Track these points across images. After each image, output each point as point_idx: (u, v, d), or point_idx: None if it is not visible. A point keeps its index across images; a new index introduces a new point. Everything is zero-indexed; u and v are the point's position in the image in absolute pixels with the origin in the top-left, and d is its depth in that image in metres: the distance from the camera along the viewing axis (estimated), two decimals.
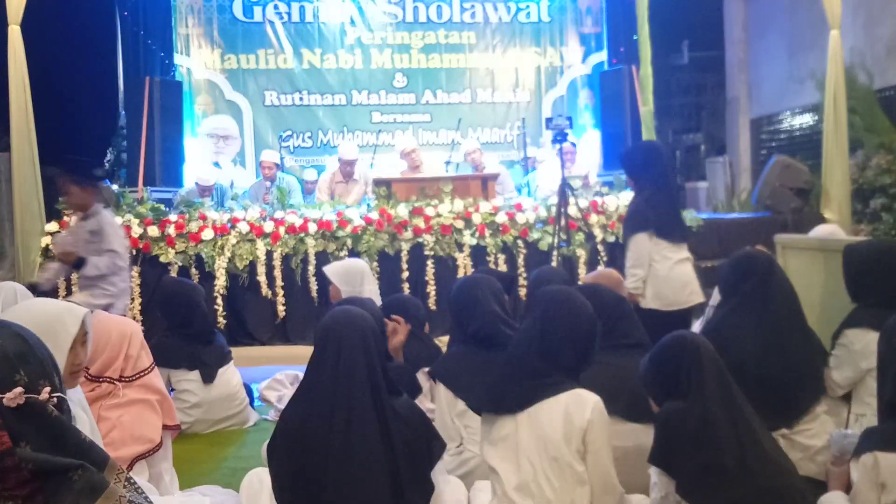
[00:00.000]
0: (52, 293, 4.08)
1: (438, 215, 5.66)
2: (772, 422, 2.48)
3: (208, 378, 3.66)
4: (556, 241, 5.39)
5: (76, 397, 2.14)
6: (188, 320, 3.78)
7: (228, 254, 5.42)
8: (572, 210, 5.51)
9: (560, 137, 5.26)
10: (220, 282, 5.35)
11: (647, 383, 2.11)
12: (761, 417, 2.44)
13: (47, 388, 1.12)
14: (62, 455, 1.07)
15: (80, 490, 1.06)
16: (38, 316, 1.92)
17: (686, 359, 1.99)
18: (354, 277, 3.74)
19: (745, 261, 2.88)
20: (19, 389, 1.07)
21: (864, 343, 2.62)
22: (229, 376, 3.77)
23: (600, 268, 5.13)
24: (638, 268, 3.50)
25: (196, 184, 6.84)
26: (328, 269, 3.84)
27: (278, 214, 5.63)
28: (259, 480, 2.29)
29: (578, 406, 2.04)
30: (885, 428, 1.97)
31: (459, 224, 5.68)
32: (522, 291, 5.67)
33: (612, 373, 2.42)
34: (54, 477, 1.04)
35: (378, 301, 3.57)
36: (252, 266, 5.46)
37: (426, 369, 2.99)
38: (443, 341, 3.56)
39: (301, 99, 8.17)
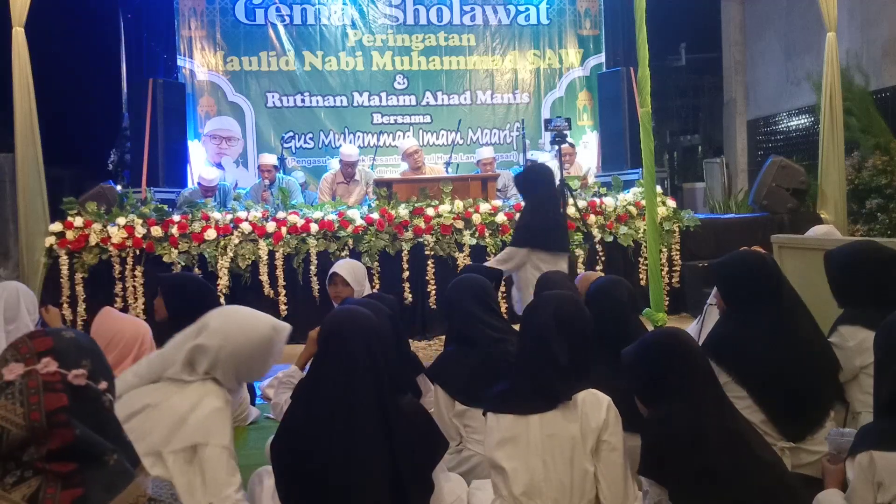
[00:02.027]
0: None
1: (439, 216, 5.71)
2: (789, 434, 2.46)
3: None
4: None
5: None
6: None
7: (231, 253, 5.47)
8: (571, 210, 5.57)
9: (559, 139, 5.32)
10: (223, 281, 5.40)
11: (632, 381, 2.07)
12: (780, 429, 2.42)
13: (104, 384, 1.18)
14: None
15: (114, 473, 1.10)
16: (259, 326, 2.12)
17: (675, 360, 1.95)
18: (362, 276, 3.78)
19: (755, 263, 2.70)
20: (83, 371, 1.14)
21: (858, 340, 2.60)
22: None
23: (593, 270, 5.19)
24: (505, 265, 4.16)
25: (199, 183, 6.88)
26: (340, 269, 3.76)
27: (280, 215, 5.67)
28: (260, 480, 2.31)
29: (594, 406, 2.05)
30: (880, 427, 1.95)
31: (459, 224, 5.73)
32: None
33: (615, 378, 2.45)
34: (92, 459, 1.09)
35: None
36: (254, 266, 5.52)
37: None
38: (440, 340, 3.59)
39: (303, 100, 8.22)
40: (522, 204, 4.54)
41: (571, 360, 2.10)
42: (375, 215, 5.66)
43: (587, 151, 8.53)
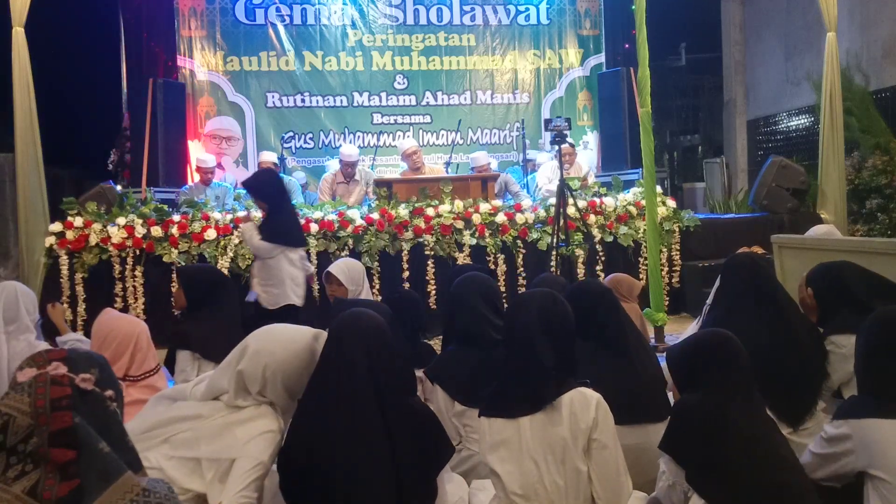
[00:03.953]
0: None
1: (439, 216, 5.71)
2: (787, 417, 2.52)
3: None
4: (554, 241, 5.44)
5: None
6: (229, 305, 3.50)
7: (231, 253, 5.48)
8: (571, 210, 5.57)
9: (559, 139, 5.32)
10: None
11: (673, 368, 2.09)
12: (777, 412, 2.43)
13: (110, 392, 1.28)
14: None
15: (108, 463, 1.17)
16: (299, 337, 2.09)
17: (719, 354, 1.99)
18: (358, 276, 3.76)
19: (729, 261, 2.94)
20: (90, 377, 1.24)
21: (849, 347, 2.64)
22: None
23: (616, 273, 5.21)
24: (261, 254, 4.33)
25: (197, 168, 6.89)
26: (335, 270, 3.76)
27: None
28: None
29: (583, 406, 2.04)
30: (863, 399, 2.09)
31: (459, 224, 5.73)
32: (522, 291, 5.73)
33: (606, 374, 2.44)
34: (87, 447, 1.15)
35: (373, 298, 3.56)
36: None
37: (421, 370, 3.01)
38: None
39: (303, 100, 8.21)
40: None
41: (557, 359, 2.08)
42: (375, 215, 5.66)
43: (587, 151, 8.54)
